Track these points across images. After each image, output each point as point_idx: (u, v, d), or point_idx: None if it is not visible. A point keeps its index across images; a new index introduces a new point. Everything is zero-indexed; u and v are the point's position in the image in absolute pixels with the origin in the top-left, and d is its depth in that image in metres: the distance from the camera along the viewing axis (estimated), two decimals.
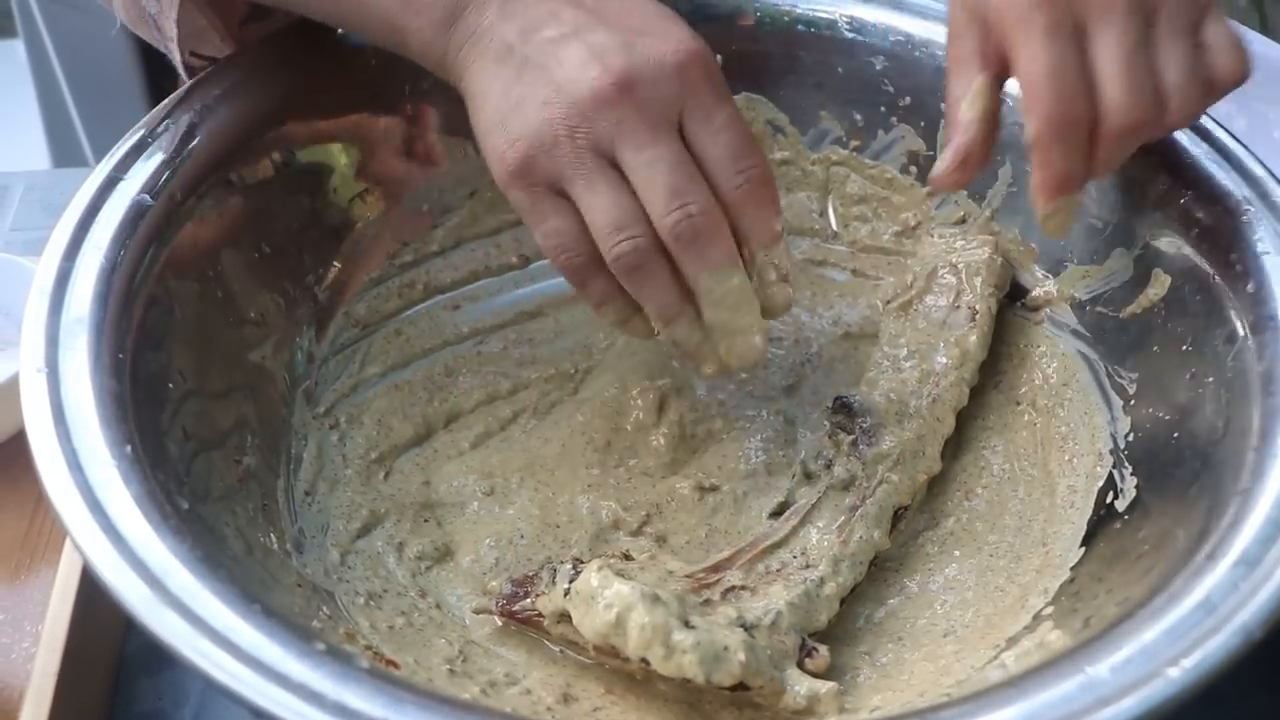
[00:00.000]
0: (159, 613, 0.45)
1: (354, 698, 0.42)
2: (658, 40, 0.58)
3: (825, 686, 0.53)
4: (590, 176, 0.57)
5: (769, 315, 0.62)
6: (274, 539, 0.58)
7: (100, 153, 1.22)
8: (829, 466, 0.63)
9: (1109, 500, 0.60)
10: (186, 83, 0.68)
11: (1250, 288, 0.58)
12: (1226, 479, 0.51)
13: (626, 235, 0.57)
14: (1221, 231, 0.60)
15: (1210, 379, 0.57)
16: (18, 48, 1.67)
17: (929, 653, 0.56)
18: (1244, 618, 0.44)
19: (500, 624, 0.58)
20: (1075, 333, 0.67)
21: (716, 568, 0.58)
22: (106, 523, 0.47)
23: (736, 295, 0.59)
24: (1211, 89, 0.56)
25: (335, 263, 0.69)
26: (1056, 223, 0.58)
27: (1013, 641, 0.54)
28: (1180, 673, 0.42)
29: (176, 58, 0.69)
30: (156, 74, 1.21)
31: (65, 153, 1.33)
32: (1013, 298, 0.70)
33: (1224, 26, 0.56)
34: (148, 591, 0.45)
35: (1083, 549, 0.58)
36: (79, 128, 1.27)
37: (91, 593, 0.58)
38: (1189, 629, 0.44)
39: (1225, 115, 0.88)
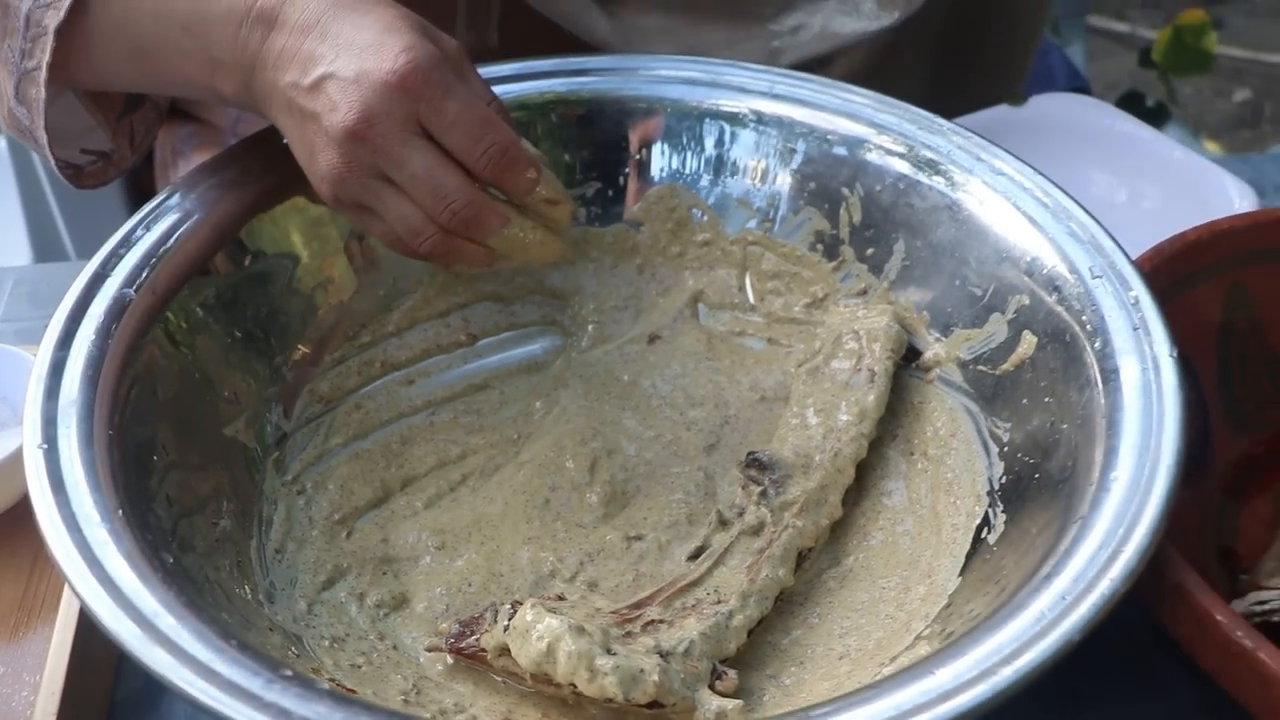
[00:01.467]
0: (150, 650, 0.52)
1: (316, 713, 0.50)
2: (378, 63, 0.67)
3: (732, 704, 0.60)
4: (380, 197, 0.70)
5: (557, 227, 0.76)
6: (248, 590, 0.65)
7: (81, 247, 1.31)
8: (741, 514, 0.71)
9: (983, 535, 0.68)
10: (163, 183, 0.77)
11: (1099, 344, 0.66)
12: (1071, 509, 0.59)
13: (424, 237, 0.71)
14: (1077, 296, 0.69)
15: (1065, 425, 0.66)
16: None
17: (825, 673, 0.64)
18: (1067, 626, 0.52)
19: (450, 661, 0.65)
20: (960, 389, 0.75)
21: (638, 605, 0.65)
22: (103, 575, 0.55)
23: (518, 239, 0.73)
24: None
25: (300, 345, 0.77)
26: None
27: (894, 659, 0.62)
28: (1011, 671, 0.50)
29: (52, 162, 0.78)
30: (136, 172, 1.30)
31: (46, 248, 1.41)
32: (907, 359, 0.78)
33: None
34: (139, 632, 0.53)
35: (960, 578, 0.66)
36: (60, 224, 1.34)
37: (85, 645, 0.65)
38: (1022, 638, 0.52)
39: (1108, 186, 0.99)
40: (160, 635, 0.53)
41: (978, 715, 0.49)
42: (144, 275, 0.70)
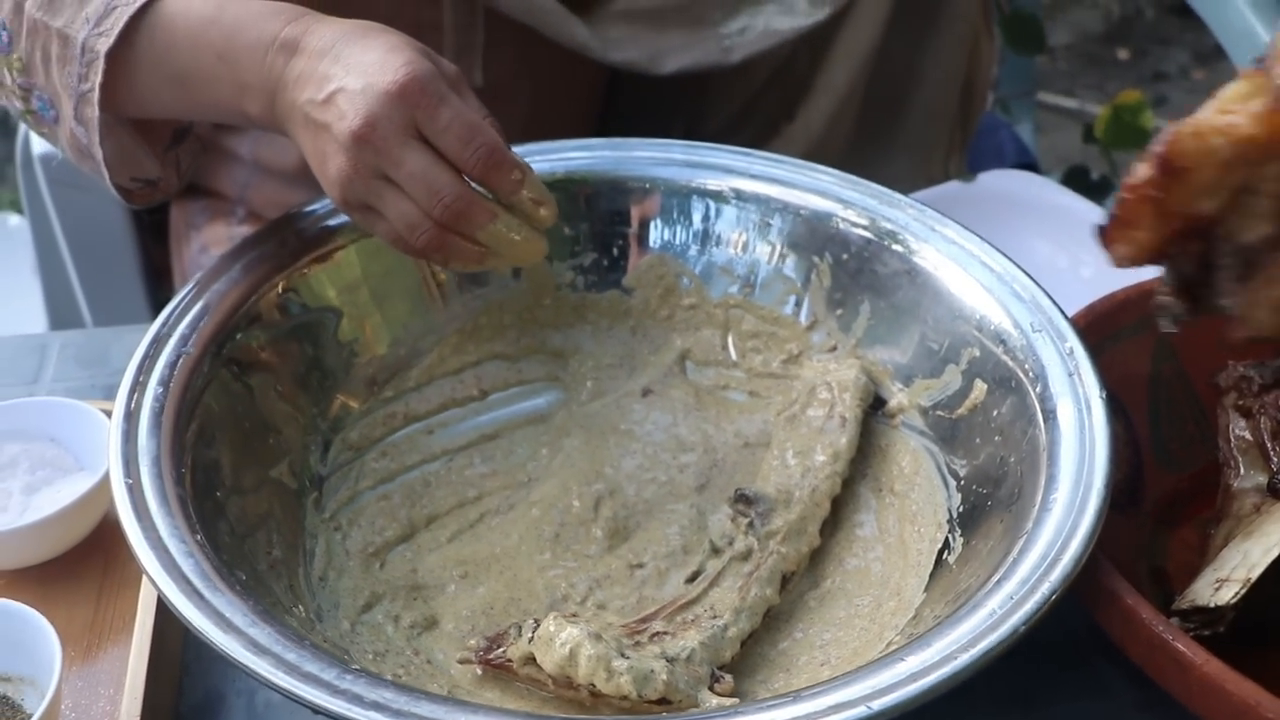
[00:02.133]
0: (236, 649, 0.61)
1: (384, 698, 0.58)
2: (381, 77, 0.76)
3: (730, 702, 0.69)
4: (381, 196, 0.78)
5: (542, 226, 0.82)
6: (301, 609, 0.74)
7: (98, 315, 1.40)
8: (731, 543, 0.80)
9: (945, 556, 0.77)
10: (178, 255, 0.87)
11: (1039, 389, 0.76)
12: (1018, 527, 0.69)
13: (420, 231, 0.78)
14: (1019, 348, 0.79)
15: (1012, 458, 0.76)
16: (8, 220, 1.85)
17: (809, 678, 0.73)
18: (1015, 619, 0.62)
19: (479, 672, 0.74)
20: (921, 432, 0.85)
21: (644, 619, 0.75)
22: (189, 588, 0.64)
23: (504, 235, 0.80)
24: None
25: (338, 394, 0.87)
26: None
27: (870, 663, 0.71)
28: (967, 657, 0.60)
29: (108, 180, 0.88)
30: (148, 243, 1.39)
31: (63, 316, 1.49)
32: (874, 407, 0.88)
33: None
34: (223, 635, 0.62)
35: (925, 593, 0.76)
36: (78, 291, 1.43)
37: (156, 661, 0.73)
38: (977, 629, 0.62)
39: (1050, 254, 1.09)
40: (244, 636, 0.62)
41: (940, 692, 0.59)
42: (198, 333, 0.80)
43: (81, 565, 0.83)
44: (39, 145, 1.35)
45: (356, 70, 0.77)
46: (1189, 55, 3.09)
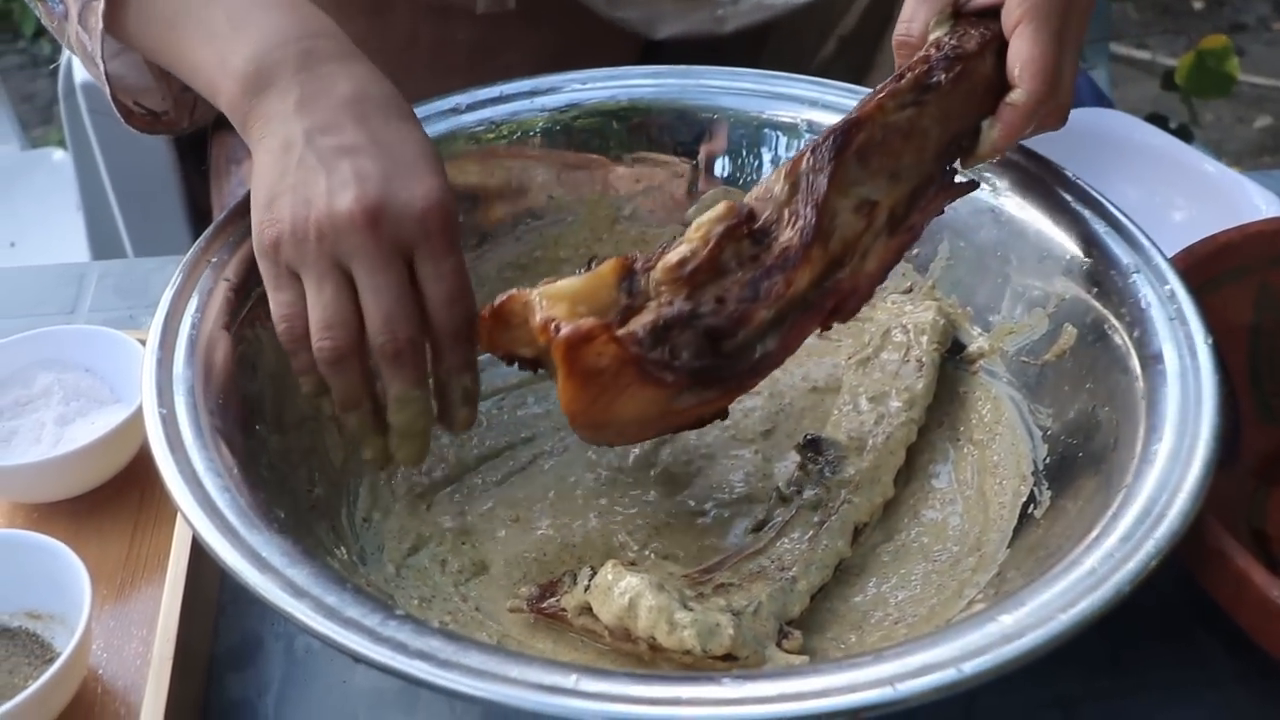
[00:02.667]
0: (273, 591, 0.57)
1: (430, 647, 0.54)
2: (415, 182, 0.67)
3: (799, 659, 0.65)
4: (322, 277, 0.67)
5: (450, 429, 0.73)
6: (344, 551, 0.70)
7: (139, 245, 1.37)
8: (800, 491, 0.75)
9: (1030, 511, 0.72)
10: (218, 191, 0.82)
11: (1137, 334, 0.71)
12: (1115, 480, 0.64)
13: (331, 335, 0.67)
14: (1115, 291, 0.73)
15: (1106, 408, 0.70)
16: (53, 155, 1.82)
17: (883, 636, 0.68)
18: (1118, 578, 0.56)
19: (531, 620, 0.70)
20: (1004, 379, 0.80)
21: (708, 570, 0.70)
22: (224, 524, 0.60)
23: (417, 409, 0.70)
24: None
25: None
26: (975, 163, 0.72)
27: (949, 622, 0.66)
28: (1067, 617, 0.55)
29: (108, 95, 0.81)
30: (191, 175, 1.35)
31: (105, 245, 1.46)
32: (952, 352, 0.83)
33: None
34: (261, 577, 0.57)
35: (1009, 549, 0.71)
36: (120, 224, 1.39)
37: (191, 601, 0.69)
38: (1076, 588, 0.56)
39: (1139, 196, 1.03)
40: (281, 577, 0.57)
41: (1037, 656, 0.54)
42: (238, 260, 0.75)
43: (116, 500, 0.79)
44: (81, 74, 1.31)
45: (385, 152, 0.69)
46: (1269, 6, 2.98)
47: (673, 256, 0.66)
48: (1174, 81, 1.57)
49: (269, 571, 0.58)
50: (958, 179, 0.72)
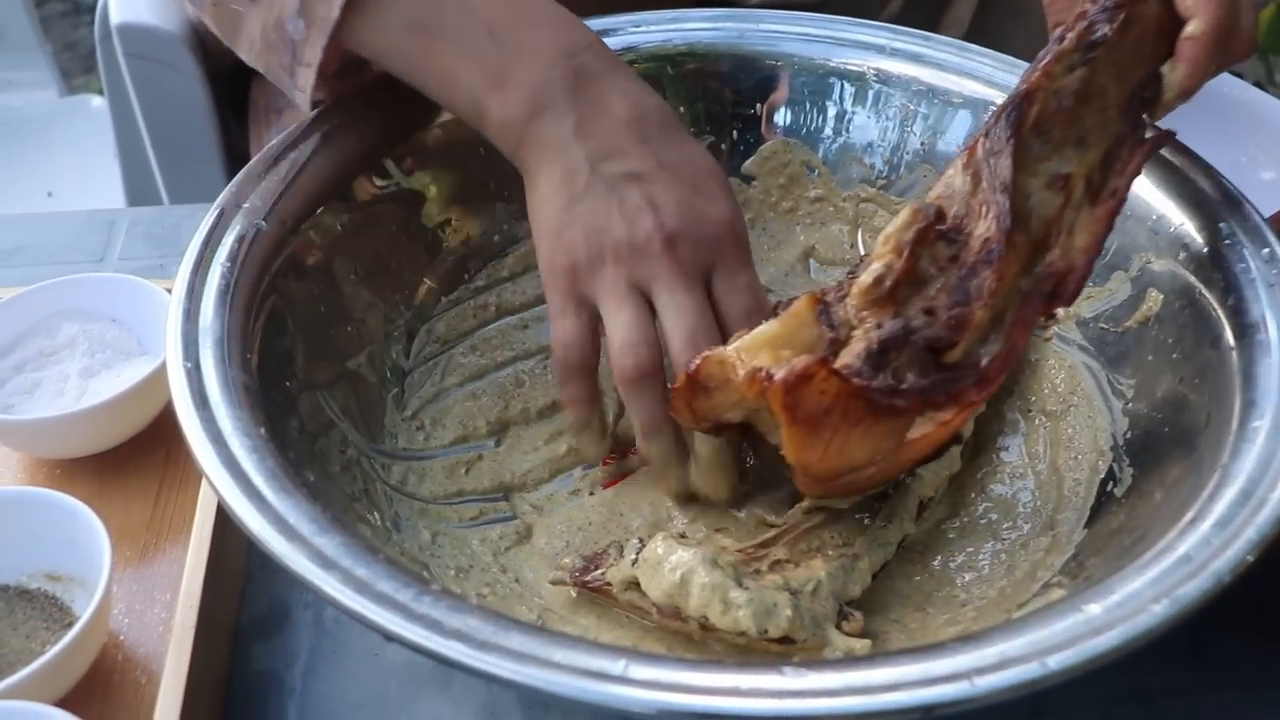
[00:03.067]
0: (300, 561, 0.53)
1: (467, 626, 0.50)
2: (706, 204, 0.67)
3: (860, 643, 0.60)
4: (622, 301, 0.66)
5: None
6: (376, 517, 0.66)
7: (176, 195, 1.33)
8: None
9: (1109, 489, 0.67)
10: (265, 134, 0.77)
11: (1232, 301, 0.65)
12: (1209, 460, 0.59)
13: (635, 352, 0.65)
14: (1207, 254, 0.68)
15: (1197, 380, 0.65)
16: (91, 102, 1.79)
17: (950, 618, 0.64)
18: (1216, 566, 0.52)
19: (574, 594, 0.66)
20: (1080, 347, 0.75)
21: (763, 544, 0.66)
22: (250, 488, 0.56)
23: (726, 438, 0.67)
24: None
25: (424, 281, 0.78)
26: (1164, 112, 0.66)
27: (1022, 605, 0.62)
28: (1161, 608, 0.50)
29: (307, 92, 0.73)
30: (228, 122, 1.31)
31: (141, 197, 1.43)
32: None
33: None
34: (288, 545, 0.54)
35: (1085, 530, 0.66)
36: (156, 171, 1.36)
37: (216, 567, 0.66)
38: (1170, 576, 0.52)
39: (1223, 156, 0.97)
40: (309, 546, 0.53)
41: (1129, 650, 0.49)
42: (273, 206, 0.71)
43: (141, 457, 0.76)
44: (117, 16, 1.27)
45: (673, 175, 0.67)
46: None
47: (866, 278, 0.61)
48: None
49: (296, 540, 0.54)
50: (1148, 133, 0.66)
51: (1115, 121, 0.65)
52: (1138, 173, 0.65)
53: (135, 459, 0.76)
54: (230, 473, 0.57)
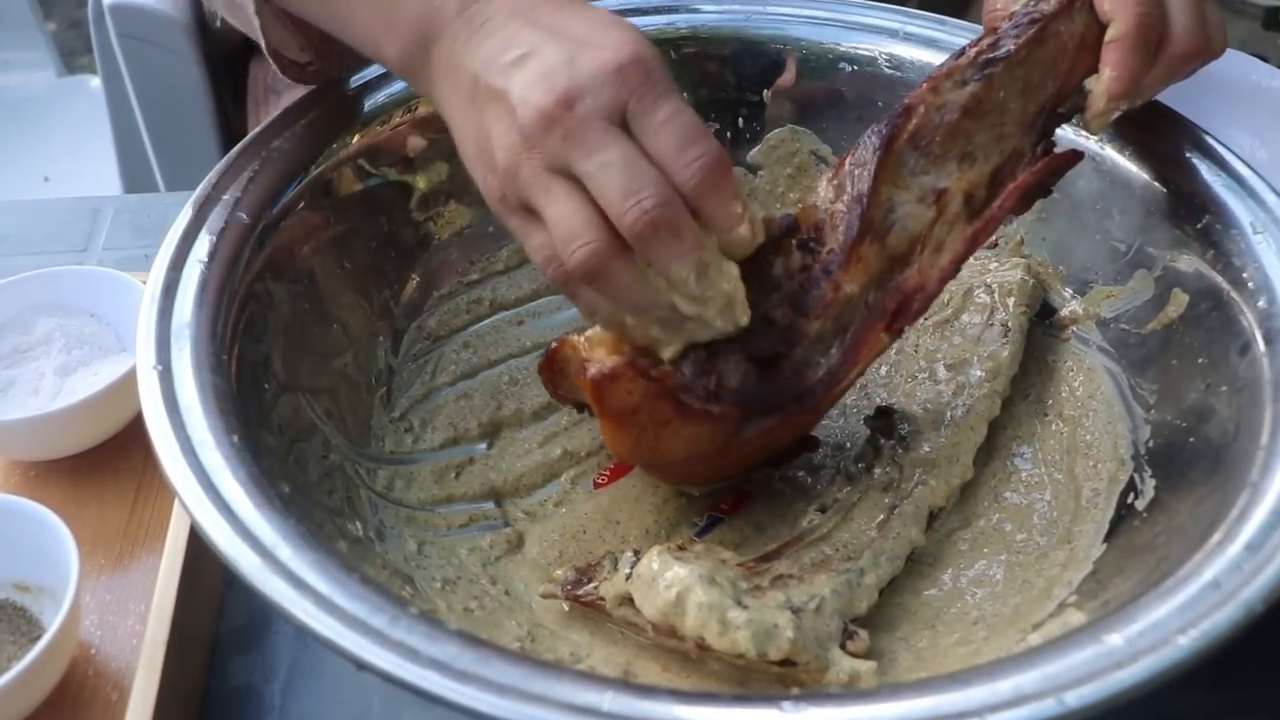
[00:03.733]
0: (269, 580, 0.50)
1: (445, 654, 0.47)
2: (599, 50, 0.58)
3: (865, 665, 0.57)
4: (549, 193, 0.58)
5: (734, 256, 0.60)
6: (359, 526, 0.63)
7: (172, 179, 1.30)
8: (869, 470, 0.67)
9: (1130, 500, 0.64)
10: (254, 120, 0.74)
11: (1263, 303, 0.62)
12: (1236, 475, 0.55)
13: (580, 243, 0.57)
14: (1236, 252, 0.65)
15: (1224, 387, 0.62)
16: (90, 82, 1.76)
17: (961, 638, 0.61)
18: (1247, 594, 0.48)
19: (566, 608, 0.63)
20: (1100, 348, 0.71)
21: (765, 557, 0.62)
22: (219, 502, 0.53)
23: (712, 280, 0.59)
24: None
25: (413, 276, 0.75)
26: (1101, 123, 0.64)
27: (1038, 626, 0.59)
28: (1188, 640, 0.47)
29: (263, 43, 0.73)
30: (225, 108, 1.28)
31: (137, 181, 1.40)
32: (1041, 316, 0.75)
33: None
34: (259, 561, 0.50)
35: (1105, 544, 0.63)
36: (151, 156, 1.33)
37: (191, 576, 0.63)
38: (1197, 604, 0.48)
39: (1248, 147, 0.93)
40: (280, 565, 0.50)
41: (1153, 686, 0.46)
42: (256, 199, 0.68)
43: (118, 459, 0.73)
44: None
45: (560, 39, 0.59)
46: None
47: None
48: (1276, 20, 1.46)
49: (268, 558, 0.51)
50: (1059, 149, 0.64)
51: (1013, 138, 0.64)
52: (1023, 194, 0.64)
53: (112, 461, 0.73)
54: (200, 484, 0.54)
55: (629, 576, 0.59)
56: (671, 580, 0.57)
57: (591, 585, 0.62)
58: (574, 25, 0.60)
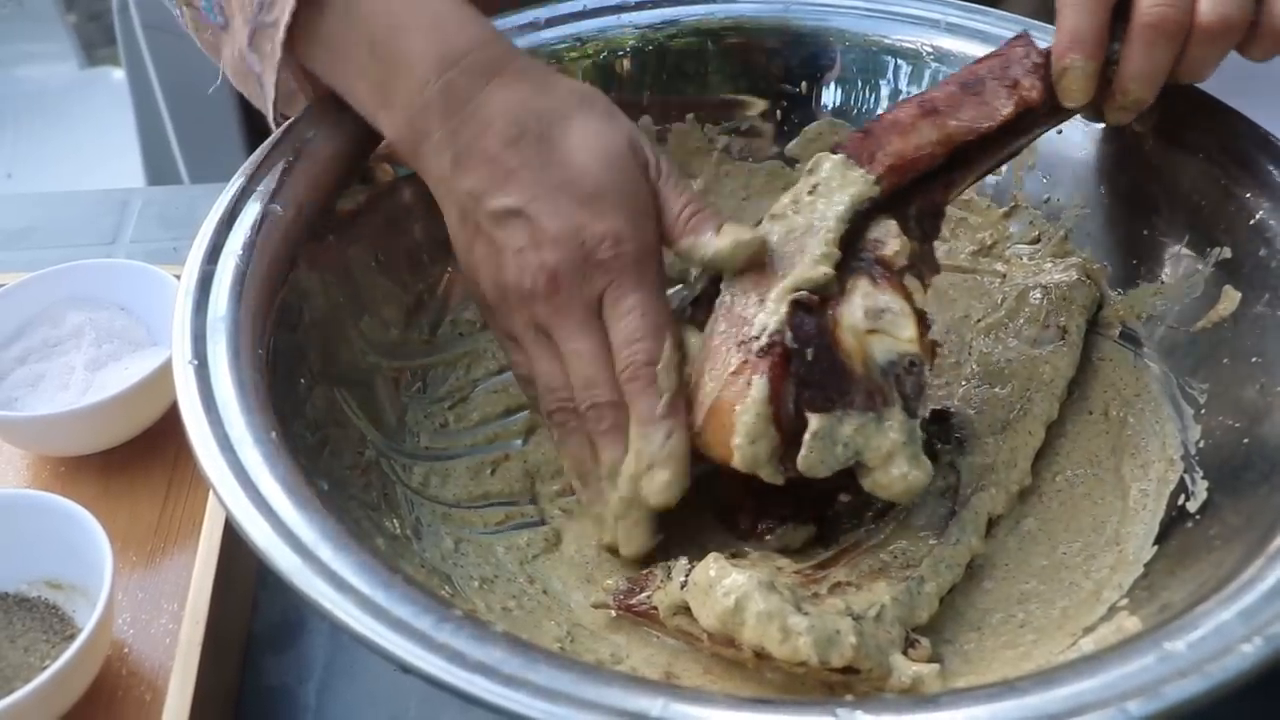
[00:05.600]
0: (311, 581, 0.49)
1: (492, 658, 0.46)
2: (591, 220, 0.62)
3: (929, 669, 0.55)
4: (534, 345, 0.65)
5: (648, 500, 0.63)
6: (396, 524, 0.62)
7: (196, 171, 1.29)
8: None
9: (1180, 502, 0.62)
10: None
11: None
12: None
13: (558, 397, 0.64)
14: None
15: (1278, 387, 0.60)
16: (112, 74, 1.75)
17: (1007, 641, 0.59)
18: None
19: (614, 614, 0.61)
20: (1147, 346, 0.70)
21: (822, 565, 0.61)
22: (259, 500, 0.52)
23: (625, 474, 0.63)
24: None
25: (448, 269, 0.74)
26: (1064, 85, 0.62)
27: (1089, 630, 0.57)
28: (1253, 648, 0.45)
29: (270, 113, 0.72)
30: (248, 103, 1.27)
31: (161, 172, 1.39)
32: None
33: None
34: (299, 562, 0.49)
35: (1155, 547, 0.61)
36: (175, 148, 1.32)
37: (226, 574, 0.62)
38: (1261, 610, 0.47)
39: None
40: (322, 566, 0.49)
41: (1219, 696, 0.44)
42: (292, 189, 0.67)
43: (149, 455, 0.72)
44: None
45: (551, 196, 0.62)
46: None
47: None
48: None
49: (308, 557, 0.50)
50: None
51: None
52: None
53: (143, 457, 0.72)
54: (239, 482, 0.52)
55: (684, 585, 0.57)
56: (730, 587, 0.55)
57: (644, 595, 0.60)
58: (568, 182, 0.62)
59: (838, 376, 0.58)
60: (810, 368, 0.58)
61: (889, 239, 0.61)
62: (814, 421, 0.58)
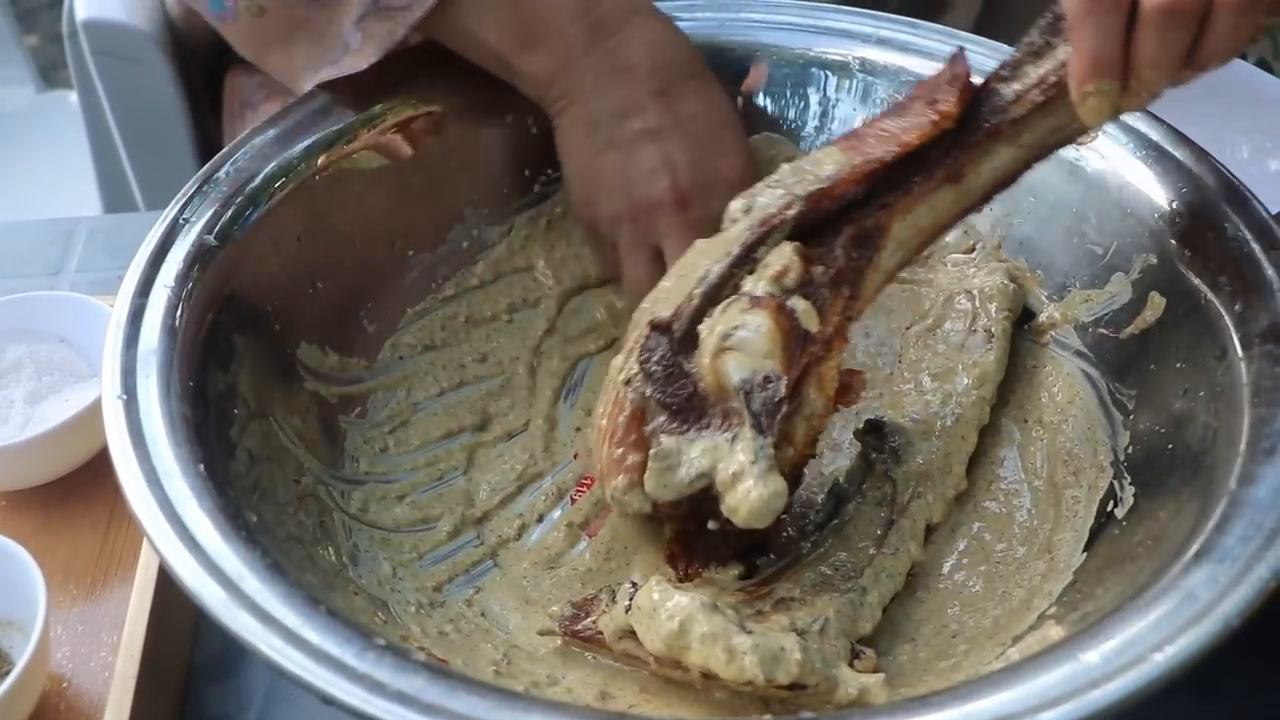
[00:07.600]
0: (235, 614, 0.49)
1: (412, 686, 0.46)
2: (719, 157, 0.70)
3: (874, 678, 0.55)
4: (636, 255, 0.72)
5: None
6: (331, 552, 0.62)
7: (150, 197, 1.29)
8: (862, 485, 0.66)
9: (1110, 508, 0.63)
10: (230, 134, 0.74)
11: (1239, 307, 0.61)
12: (1216, 483, 0.55)
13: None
14: (1213, 255, 0.64)
15: (1202, 392, 0.61)
16: (70, 98, 1.74)
17: (940, 652, 0.60)
18: (1224, 609, 0.48)
19: (560, 642, 0.62)
20: (1078, 353, 0.70)
21: (764, 581, 0.62)
22: (185, 534, 0.52)
23: None
24: None
25: (389, 292, 0.74)
26: (1089, 109, 0.58)
27: (1018, 639, 0.58)
28: (1164, 657, 0.46)
29: (302, 84, 0.74)
30: (203, 123, 1.27)
31: (117, 198, 1.38)
32: (1019, 322, 0.74)
33: None
34: (224, 595, 0.50)
35: (1085, 554, 0.62)
36: (130, 174, 1.32)
37: (164, 605, 0.62)
38: (1173, 619, 0.48)
39: (1230, 143, 0.92)
40: (245, 599, 0.50)
41: (1129, 705, 0.45)
42: (224, 220, 0.67)
43: (90, 488, 0.72)
44: (83, 11, 1.23)
45: (686, 126, 0.71)
46: None
47: None
48: None
49: (233, 591, 0.50)
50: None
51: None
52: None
53: (85, 489, 0.72)
54: (166, 516, 0.53)
55: (629, 609, 0.58)
56: (673, 610, 0.55)
57: (590, 620, 0.60)
58: (701, 116, 0.71)
59: (690, 398, 0.59)
60: (663, 390, 0.59)
61: (776, 261, 0.61)
62: (656, 444, 0.58)
